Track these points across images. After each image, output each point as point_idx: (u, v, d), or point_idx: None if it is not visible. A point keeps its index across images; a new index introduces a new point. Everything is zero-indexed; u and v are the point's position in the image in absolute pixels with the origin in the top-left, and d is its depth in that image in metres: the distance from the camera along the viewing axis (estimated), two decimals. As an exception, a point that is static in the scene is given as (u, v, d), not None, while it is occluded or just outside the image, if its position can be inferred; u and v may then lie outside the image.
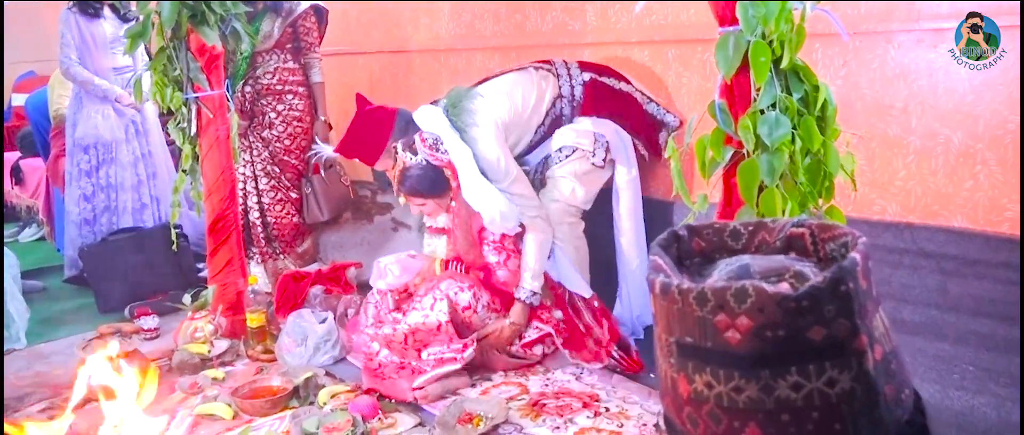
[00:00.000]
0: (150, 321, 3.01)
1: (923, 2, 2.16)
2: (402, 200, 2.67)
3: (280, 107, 3.44)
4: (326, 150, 3.07)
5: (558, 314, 2.61)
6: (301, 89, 3.48)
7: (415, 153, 2.54)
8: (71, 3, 3.62)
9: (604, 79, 2.73)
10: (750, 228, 0.93)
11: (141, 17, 2.76)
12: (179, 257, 3.43)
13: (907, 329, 2.22)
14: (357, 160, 2.76)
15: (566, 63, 2.75)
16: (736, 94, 1.38)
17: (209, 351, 2.70)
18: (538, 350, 2.60)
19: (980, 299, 2.13)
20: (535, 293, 2.53)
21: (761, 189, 1.33)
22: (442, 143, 2.50)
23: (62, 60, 3.60)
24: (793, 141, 1.32)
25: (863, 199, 2.35)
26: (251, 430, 2.24)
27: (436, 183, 2.56)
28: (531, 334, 2.58)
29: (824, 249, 0.89)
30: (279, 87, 3.42)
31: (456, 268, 2.67)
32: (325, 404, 2.36)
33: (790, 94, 1.35)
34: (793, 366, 0.76)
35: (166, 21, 2.70)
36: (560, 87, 2.68)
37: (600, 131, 2.67)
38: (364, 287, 3.35)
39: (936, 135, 2.18)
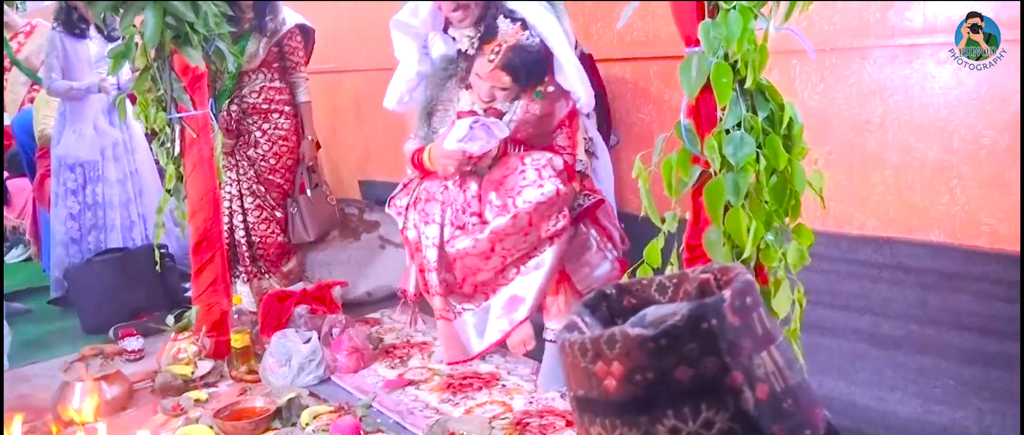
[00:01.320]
0: (134, 342, 2.99)
1: (897, 18, 2.18)
2: (495, 75, 2.39)
3: (265, 126, 3.45)
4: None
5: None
6: (287, 108, 3.48)
7: (533, 34, 2.37)
8: (56, 23, 3.64)
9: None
10: (674, 281, 0.94)
11: (124, 37, 2.77)
12: (164, 277, 3.43)
13: (888, 343, 2.23)
14: (343, 177, 2.75)
15: None
16: (702, 114, 1.39)
17: (192, 372, 2.69)
18: None
19: (959, 312, 2.14)
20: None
21: (727, 208, 1.34)
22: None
23: (45, 78, 3.62)
24: (758, 160, 1.33)
25: (842, 214, 2.36)
26: (232, 452, 2.23)
27: (538, 67, 2.40)
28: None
29: (726, 290, 0.89)
30: (264, 106, 3.43)
31: (515, 148, 2.52)
32: (307, 425, 2.35)
33: (755, 113, 1.36)
34: (669, 409, 0.76)
35: (149, 41, 2.70)
36: None
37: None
38: (349, 306, 3.36)
39: (912, 150, 2.19)
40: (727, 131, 1.33)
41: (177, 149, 2.84)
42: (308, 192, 3.52)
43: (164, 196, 2.94)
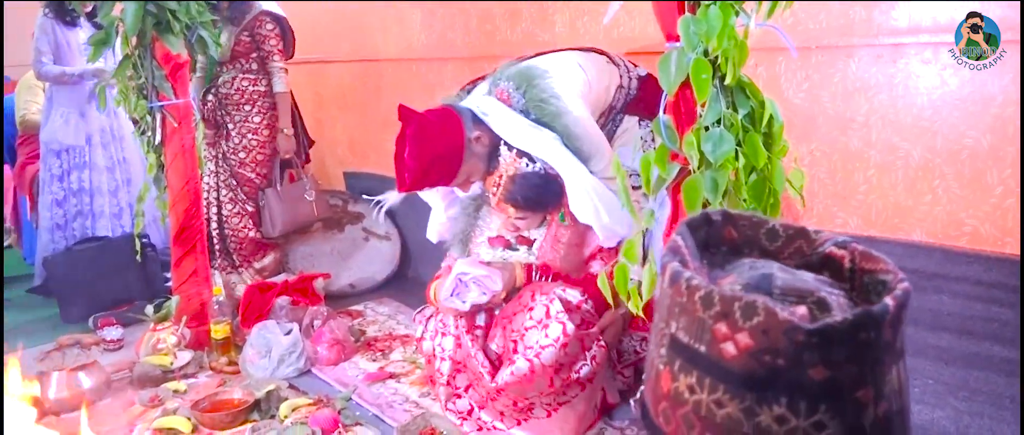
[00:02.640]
0: (113, 332, 2.97)
1: (882, 18, 2.17)
2: (510, 210, 2.23)
3: (237, 117, 3.40)
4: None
5: None
6: (261, 101, 3.40)
7: (533, 160, 2.15)
8: (47, 10, 3.60)
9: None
10: (790, 232, 0.87)
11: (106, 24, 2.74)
12: (144, 267, 3.40)
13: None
14: (328, 168, 2.67)
15: (617, 55, 2.46)
16: (682, 110, 1.38)
17: (171, 363, 2.67)
18: None
19: (939, 313, 2.14)
20: None
21: (705, 207, 1.33)
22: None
23: (34, 63, 3.58)
24: (737, 158, 1.32)
25: (825, 212, 2.36)
26: (209, 444, 2.22)
27: (552, 197, 2.17)
28: None
29: (860, 279, 0.82)
30: (236, 97, 3.38)
31: (541, 278, 2.29)
32: (286, 417, 2.33)
33: (735, 110, 1.35)
34: (784, 397, 0.70)
35: (130, 29, 2.67)
36: (620, 77, 2.37)
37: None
38: (332, 298, 3.34)
39: (896, 149, 2.19)
40: (706, 128, 1.32)
41: (158, 138, 2.81)
42: (277, 187, 3.46)
43: (144, 185, 2.91)
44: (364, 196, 2.77)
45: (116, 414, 2.37)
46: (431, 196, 2.52)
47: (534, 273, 2.28)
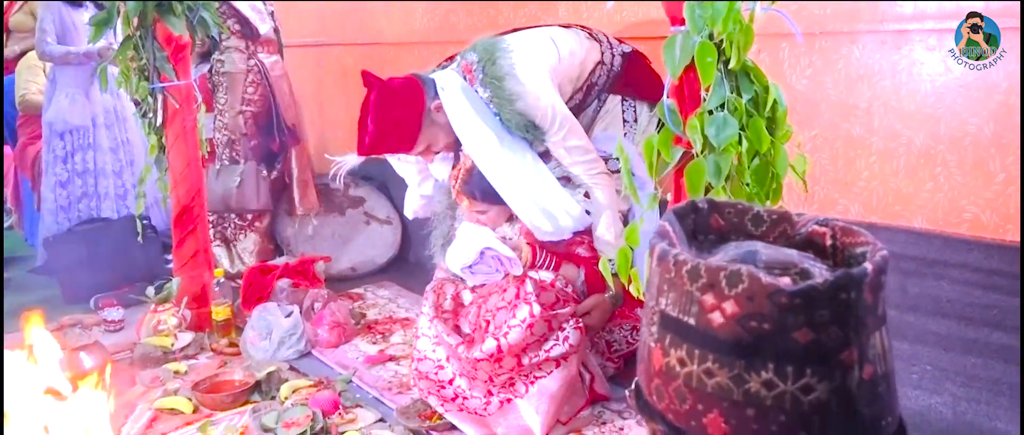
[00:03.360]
0: (114, 313, 2.98)
1: (887, 4, 2.16)
2: (464, 204, 2.29)
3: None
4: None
5: None
6: (227, 80, 3.39)
7: None
8: None
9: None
10: (774, 216, 0.89)
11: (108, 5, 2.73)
12: (146, 248, 3.40)
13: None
14: (331, 151, 2.61)
15: (599, 31, 2.42)
16: (686, 94, 1.37)
17: (172, 344, 2.68)
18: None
19: (938, 299, 2.14)
20: None
21: (709, 190, 1.33)
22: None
23: (39, 42, 3.56)
24: (741, 142, 1.32)
25: (827, 198, 2.36)
26: (210, 424, 2.22)
27: None
28: None
29: (842, 254, 0.85)
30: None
31: (546, 260, 2.27)
32: (286, 399, 2.34)
33: (739, 95, 1.34)
34: (771, 363, 0.72)
35: (131, 9, 2.67)
36: (602, 53, 2.31)
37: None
38: (333, 281, 3.34)
39: (898, 136, 2.19)
40: (710, 112, 1.32)
41: (160, 119, 2.81)
42: (215, 165, 3.41)
43: (146, 167, 2.91)
44: (326, 155, 2.75)
45: (117, 394, 2.37)
46: (406, 171, 2.55)
47: (539, 254, 2.25)
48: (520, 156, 2.16)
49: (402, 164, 2.54)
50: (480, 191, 2.21)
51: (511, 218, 2.31)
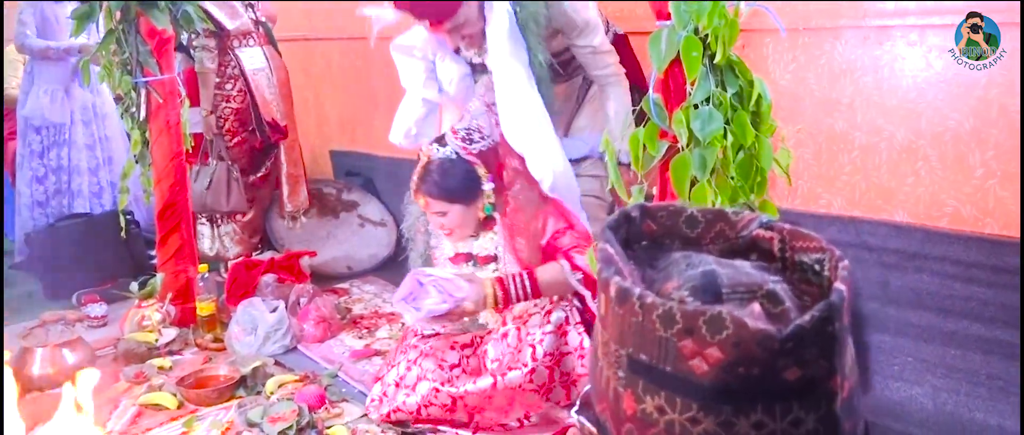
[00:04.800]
0: (97, 309, 2.96)
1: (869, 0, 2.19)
2: (421, 202, 2.16)
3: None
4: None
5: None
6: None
7: (443, 145, 2.11)
8: None
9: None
10: (708, 216, 0.85)
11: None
12: (129, 244, 3.37)
13: (849, 321, 2.26)
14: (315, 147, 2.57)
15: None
16: (672, 88, 1.39)
17: (156, 340, 2.66)
18: None
19: (919, 292, 2.18)
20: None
21: (694, 183, 1.34)
22: (476, 135, 2.10)
23: (17, 35, 3.52)
24: (726, 136, 1.33)
25: (810, 193, 2.38)
26: (195, 420, 2.22)
27: (466, 182, 2.08)
28: None
29: (793, 258, 0.82)
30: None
31: (521, 284, 2.05)
32: (272, 393, 2.34)
33: (725, 89, 1.36)
34: (759, 404, 0.69)
35: (114, 3, 2.65)
36: (604, 22, 2.37)
37: None
38: (328, 279, 3.34)
39: (880, 131, 2.21)
40: (695, 106, 1.33)
41: (143, 114, 2.79)
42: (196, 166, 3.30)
43: (129, 162, 2.89)
44: (359, 12, 2.42)
45: (101, 390, 2.36)
46: (411, 71, 2.39)
47: (509, 284, 2.04)
48: (535, 93, 2.09)
49: (409, 62, 2.38)
50: (438, 188, 2.08)
51: (480, 228, 2.18)
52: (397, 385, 2.13)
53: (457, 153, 2.09)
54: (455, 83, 2.29)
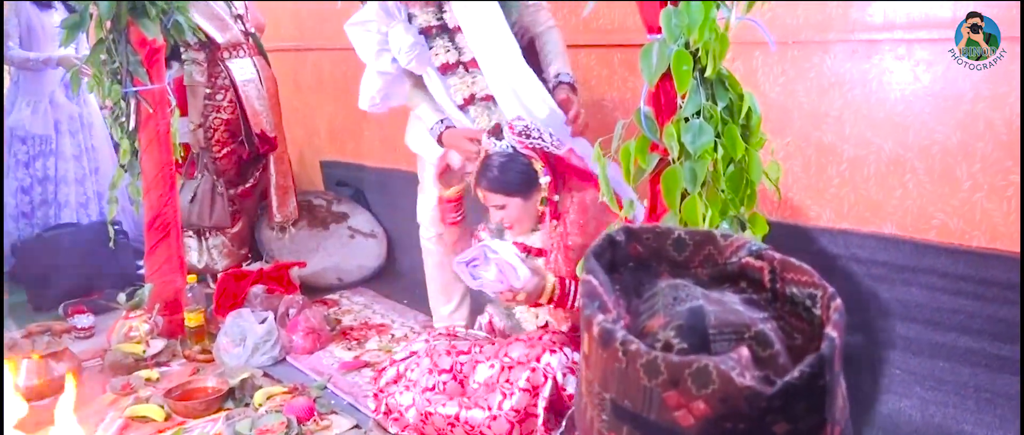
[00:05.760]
0: (84, 320, 2.93)
1: (858, 14, 2.21)
2: (480, 195, 2.18)
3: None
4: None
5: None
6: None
7: (500, 138, 2.15)
8: None
9: None
10: (696, 238, 0.83)
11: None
12: (117, 254, 3.35)
13: (838, 333, 2.27)
14: (305, 157, 2.61)
15: None
16: (663, 102, 1.39)
17: (144, 351, 2.64)
18: None
19: (907, 304, 2.19)
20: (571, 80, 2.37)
21: (684, 196, 1.35)
22: (533, 130, 2.11)
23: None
24: (716, 149, 1.34)
25: (799, 205, 2.39)
26: (183, 432, 2.20)
27: (523, 176, 2.11)
28: None
29: (783, 289, 0.80)
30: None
31: (575, 295, 2.06)
32: (260, 405, 2.32)
33: (715, 103, 1.36)
34: None
35: (104, 12, 2.64)
36: None
37: None
38: (308, 288, 3.32)
39: (869, 144, 2.23)
40: (686, 119, 1.34)
41: (133, 123, 2.77)
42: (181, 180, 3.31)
43: (118, 171, 2.87)
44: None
45: (87, 401, 2.34)
46: (364, 45, 2.42)
47: (570, 288, 2.05)
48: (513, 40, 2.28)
49: (362, 37, 2.42)
50: (497, 181, 2.11)
51: (538, 222, 2.19)
52: (396, 380, 2.17)
53: (513, 147, 2.12)
54: (405, 52, 2.31)
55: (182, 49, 3.23)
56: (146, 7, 2.68)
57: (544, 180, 2.10)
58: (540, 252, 2.19)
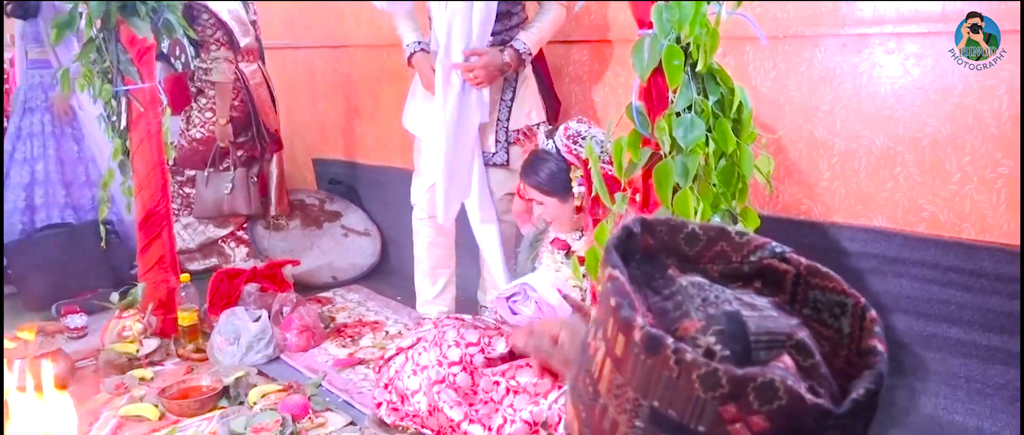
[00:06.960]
0: (77, 320, 2.92)
1: (848, 8, 2.22)
2: (521, 186, 2.25)
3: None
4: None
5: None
6: (210, 89, 3.54)
7: (553, 137, 2.19)
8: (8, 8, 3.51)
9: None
10: (710, 234, 0.80)
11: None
12: (109, 254, 3.34)
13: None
14: (297, 155, 2.67)
15: None
16: (654, 96, 1.40)
17: (137, 350, 2.63)
18: None
19: (898, 296, 2.20)
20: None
21: (676, 190, 1.35)
22: (582, 139, 2.09)
23: None
24: (707, 143, 1.34)
25: (790, 199, 2.40)
26: (177, 431, 2.20)
27: (557, 179, 2.15)
28: None
29: (805, 293, 0.77)
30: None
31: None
32: (255, 404, 2.32)
33: (706, 97, 1.37)
34: None
35: (94, 11, 2.62)
36: None
37: None
38: (302, 286, 3.32)
39: (859, 137, 2.24)
40: (678, 114, 1.35)
41: (123, 122, 2.77)
42: (206, 171, 3.59)
43: (109, 171, 2.86)
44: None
45: (81, 401, 2.33)
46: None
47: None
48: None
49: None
50: (533, 177, 2.15)
51: (578, 226, 2.18)
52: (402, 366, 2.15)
53: (557, 149, 2.13)
54: None
55: (214, 47, 3.46)
56: (136, 6, 2.67)
57: (578, 189, 2.11)
58: (581, 259, 2.12)
